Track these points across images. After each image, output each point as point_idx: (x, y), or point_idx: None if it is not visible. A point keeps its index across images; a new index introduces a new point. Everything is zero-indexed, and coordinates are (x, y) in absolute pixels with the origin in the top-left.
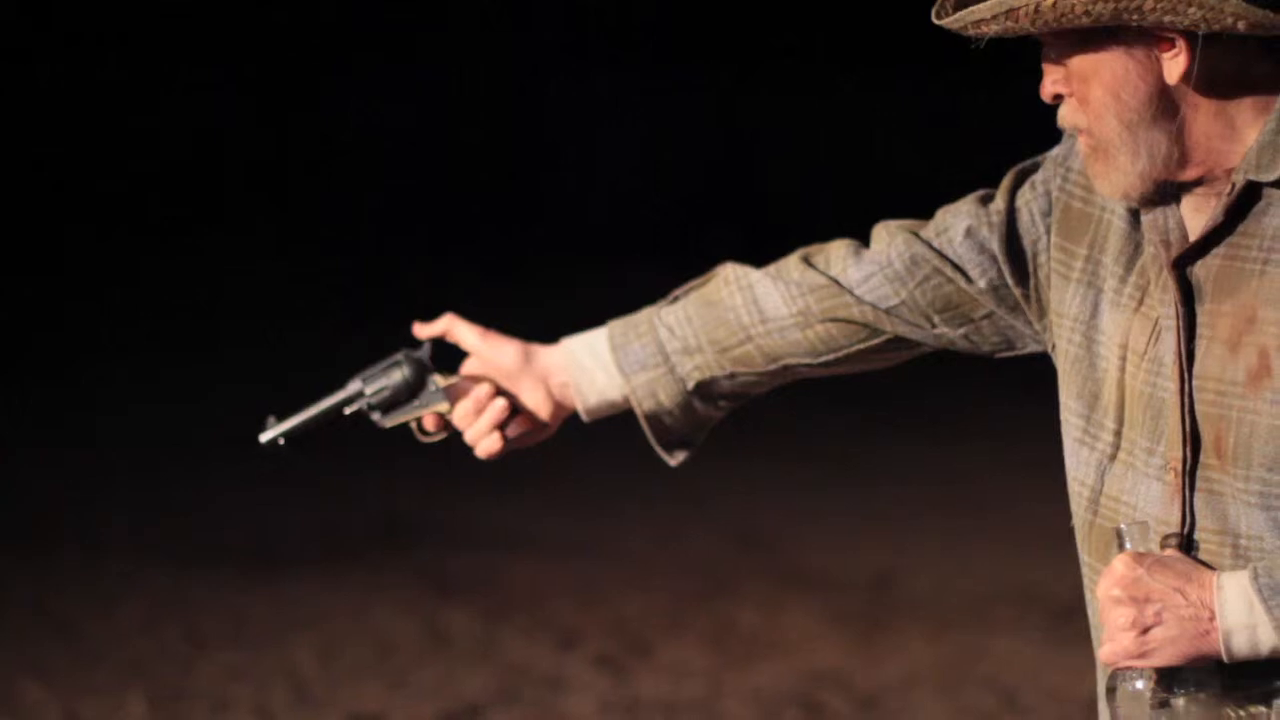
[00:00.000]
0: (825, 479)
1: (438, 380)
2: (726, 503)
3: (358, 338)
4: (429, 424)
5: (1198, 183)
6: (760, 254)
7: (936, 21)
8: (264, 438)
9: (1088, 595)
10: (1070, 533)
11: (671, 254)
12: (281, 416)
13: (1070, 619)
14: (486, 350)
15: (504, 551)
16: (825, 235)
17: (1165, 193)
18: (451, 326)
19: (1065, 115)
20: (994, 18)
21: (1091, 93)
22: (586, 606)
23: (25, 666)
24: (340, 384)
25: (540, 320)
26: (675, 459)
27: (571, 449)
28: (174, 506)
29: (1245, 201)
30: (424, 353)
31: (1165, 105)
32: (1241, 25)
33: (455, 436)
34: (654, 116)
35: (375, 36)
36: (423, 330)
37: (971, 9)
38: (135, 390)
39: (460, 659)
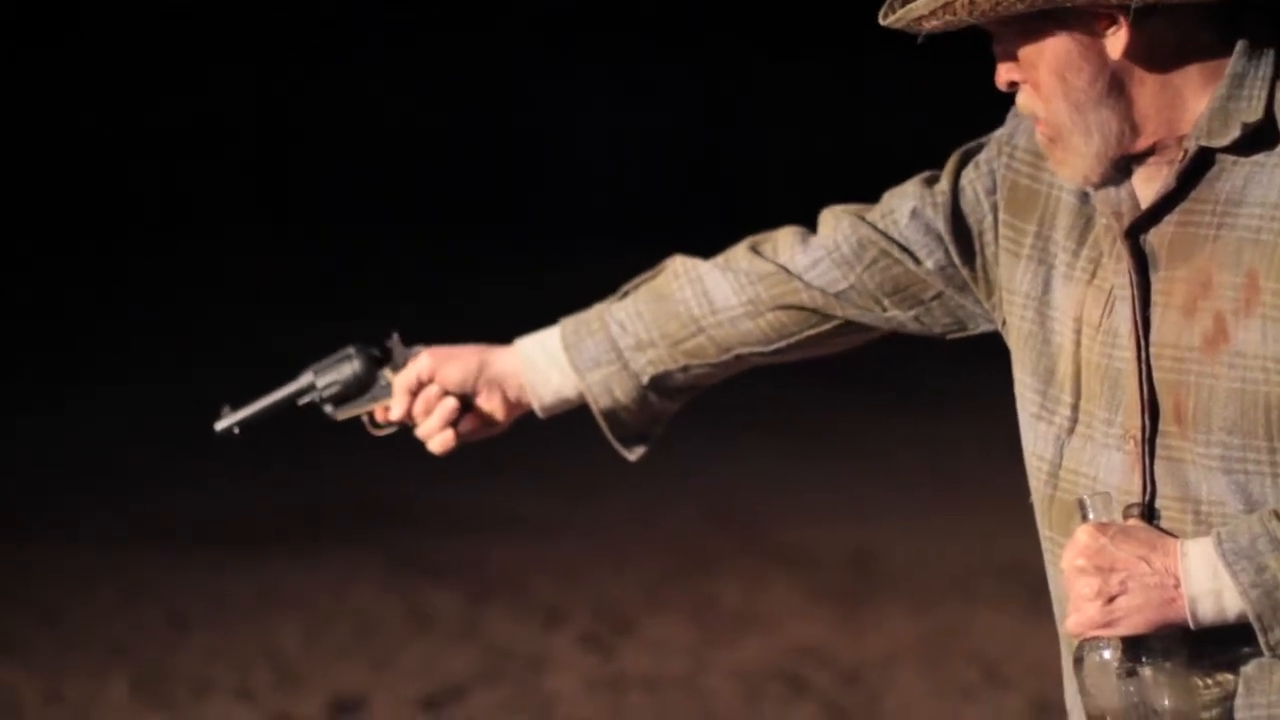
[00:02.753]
0: (805, 454)
1: (388, 375)
2: (707, 480)
3: (342, 322)
4: (380, 417)
5: (1149, 152)
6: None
7: (883, 22)
8: (219, 426)
9: (1050, 570)
10: (1032, 508)
11: (658, 238)
12: (236, 406)
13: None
14: (442, 373)
15: (486, 532)
16: (812, 216)
17: (1118, 167)
18: (406, 371)
19: (1022, 102)
20: (932, 13)
21: (1040, 77)
22: (568, 585)
23: (6, 650)
24: (293, 375)
25: (538, 305)
26: (633, 454)
27: (550, 429)
28: (153, 488)
29: (1198, 167)
30: (393, 348)
31: (1112, 83)
32: None
33: (409, 427)
34: (641, 101)
35: (372, 24)
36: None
37: (910, 7)
38: (114, 371)
39: (443, 639)
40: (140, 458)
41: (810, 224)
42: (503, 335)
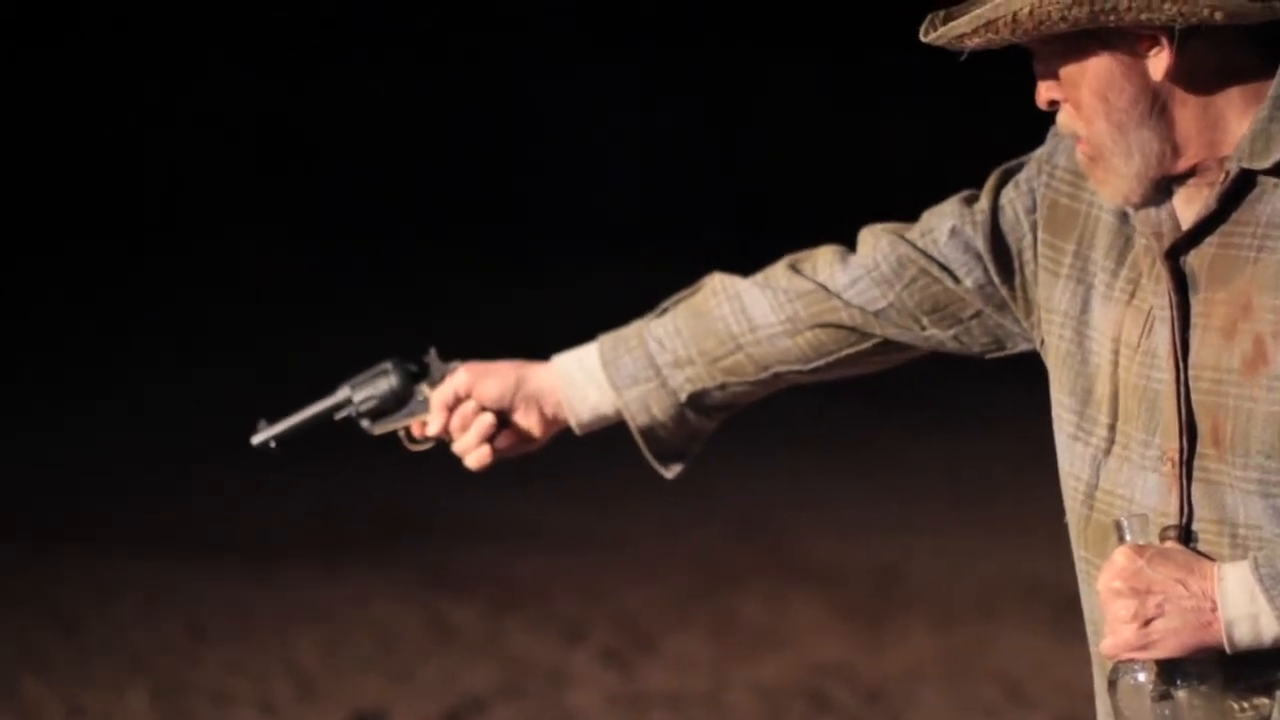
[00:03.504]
0: (842, 472)
1: (425, 390)
2: (731, 496)
3: (359, 329)
4: (416, 432)
5: (1190, 174)
6: (759, 245)
7: (924, 40)
8: (255, 440)
9: (1083, 590)
10: (1065, 528)
11: (670, 246)
12: (273, 419)
13: (1076, 611)
14: (479, 389)
15: (508, 545)
16: (829, 227)
17: (1159, 188)
18: (443, 386)
19: (1063, 121)
20: (974, 31)
21: (1081, 97)
22: (591, 600)
23: (26, 661)
24: (330, 390)
25: (540, 307)
26: (671, 471)
27: (582, 443)
28: (174, 499)
29: (1239, 189)
30: (431, 363)
31: (1153, 104)
32: (1219, 16)
33: (445, 443)
34: (642, 101)
35: (375, 26)
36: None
37: (952, 24)
38: (135, 381)
39: (464, 653)
40: (159, 467)
41: (814, 222)
42: (502, 334)
